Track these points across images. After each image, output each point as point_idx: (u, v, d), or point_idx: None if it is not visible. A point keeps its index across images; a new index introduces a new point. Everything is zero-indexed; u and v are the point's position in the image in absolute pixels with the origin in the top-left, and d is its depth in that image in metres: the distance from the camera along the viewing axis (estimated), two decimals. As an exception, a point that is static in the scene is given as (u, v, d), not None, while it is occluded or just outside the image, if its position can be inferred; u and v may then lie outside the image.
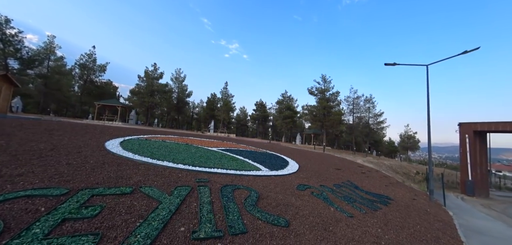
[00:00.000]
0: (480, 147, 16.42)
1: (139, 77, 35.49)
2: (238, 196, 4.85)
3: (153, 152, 7.97)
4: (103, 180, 4.36)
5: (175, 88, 41.60)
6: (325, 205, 5.61)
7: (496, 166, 53.74)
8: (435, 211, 8.12)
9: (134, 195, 3.97)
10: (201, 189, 4.82)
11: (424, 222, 6.34)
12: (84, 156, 5.87)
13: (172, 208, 3.74)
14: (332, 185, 8.08)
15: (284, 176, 7.83)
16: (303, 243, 3.51)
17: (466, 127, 16.45)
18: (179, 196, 4.28)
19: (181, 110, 44.14)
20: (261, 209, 4.39)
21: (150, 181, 4.79)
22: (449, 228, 6.38)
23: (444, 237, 5.46)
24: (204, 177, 5.75)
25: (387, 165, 20.31)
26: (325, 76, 32.66)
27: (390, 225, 5.29)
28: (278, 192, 5.76)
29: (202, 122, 52.06)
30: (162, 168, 6.02)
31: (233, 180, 6.03)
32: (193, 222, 3.46)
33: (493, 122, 15.64)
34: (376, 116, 35.70)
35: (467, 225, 7.09)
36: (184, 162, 7.15)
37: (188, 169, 6.38)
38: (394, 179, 14.25)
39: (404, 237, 4.77)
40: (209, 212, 3.84)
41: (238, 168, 7.61)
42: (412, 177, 19.86)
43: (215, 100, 46.85)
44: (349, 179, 10.17)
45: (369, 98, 34.91)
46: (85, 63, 33.57)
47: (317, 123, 33.29)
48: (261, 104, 49.98)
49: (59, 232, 2.66)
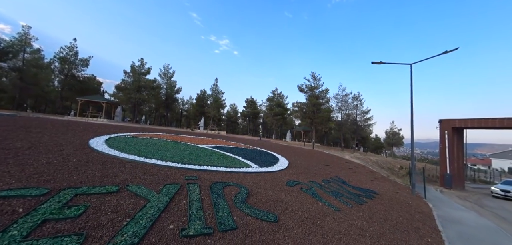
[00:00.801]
0: (457, 143, 17.50)
1: (125, 73, 34.12)
2: (228, 193, 4.86)
3: (140, 149, 7.76)
4: (87, 179, 4.19)
5: (164, 84, 40.44)
6: (314, 200, 5.76)
7: (471, 160, 57.56)
8: (416, 203, 8.58)
9: (120, 193, 3.86)
10: (190, 187, 4.77)
11: (406, 214, 6.68)
12: (66, 154, 5.60)
13: (161, 206, 3.68)
14: (320, 180, 8.29)
15: (274, 173, 7.92)
16: (292, 237, 3.59)
17: (445, 123, 17.43)
18: (168, 194, 4.22)
19: (170, 107, 43.07)
20: (251, 205, 4.43)
21: (137, 180, 4.67)
22: (429, 219, 6.78)
23: (424, 228, 5.80)
24: (193, 175, 5.70)
25: (373, 161, 21.12)
26: (315, 73, 33.12)
27: (374, 218, 5.54)
28: (268, 188, 5.83)
29: (192, 119, 51.16)
30: (150, 166, 5.89)
31: (223, 177, 6.02)
32: (183, 220, 3.43)
33: (469, 119, 16.70)
34: (363, 113, 36.84)
35: (445, 216, 7.57)
36: (173, 159, 7.03)
37: (177, 166, 6.29)
38: (380, 174, 14.85)
39: (387, 229, 5.01)
40: (199, 210, 3.82)
41: (228, 165, 7.61)
42: (396, 172, 20.81)
43: (205, 97, 46.14)
44: (337, 174, 10.48)
45: (357, 96, 35.93)
46: (65, 56, 31.66)
47: (307, 120, 33.81)
48: (252, 101, 49.92)
49: (39, 234, 2.54)
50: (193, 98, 52.18)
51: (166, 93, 40.45)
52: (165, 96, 40.46)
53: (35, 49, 30.92)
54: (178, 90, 42.13)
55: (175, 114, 52.87)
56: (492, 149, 64.82)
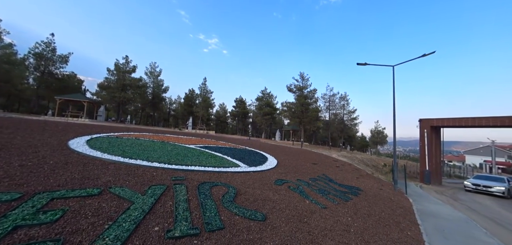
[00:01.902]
0: (435, 141, 18.62)
1: (109, 70, 32.59)
2: (216, 193, 4.82)
3: (125, 150, 7.48)
4: (65, 182, 3.97)
5: (150, 83, 39.19)
6: (301, 198, 5.87)
7: (448, 157, 61.45)
8: (398, 199, 9.01)
9: (102, 196, 3.70)
10: (177, 188, 4.68)
11: (388, 209, 7.00)
12: (42, 156, 5.27)
13: (146, 208, 3.58)
14: (308, 179, 8.46)
15: (263, 172, 7.97)
16: (279, 235, 3.64)
17: (425, 122, 18.47)
18: (153, 195, 4.11)
19: (156, 106, 41.83)
20: (238, 205, 4.43)
21: (121, 181, 4.50)
22: (409, 213, 7.15)
23: (404, 222, 6.11)
24: (180, 175, 5.59)
25: (359, 159, 21.87)
26: (303, 74, 33.72)
27: (359, 214, 5.75)
28: (256, 187, 5.85)
29: (180, 119, 50.07)
30: (135, 167, 5.70)
31: (211, 177, 5.96)
32: (168, 221, 3.36)
33: (446, 118, 17.83)
34: (350, 112, 38.08)
35: (423, 210, 8.02)
36: (160, 160, 6.86)
37: (163, 167, 6.14)
38: (365, 171, 15.41)
39: (371, 224, 5.23)
40: (185, 210, 3.76)
41: (217, 165, 7.54)
42: (380, 169, 21.71)
43: (193, 96, 45.30)
44: (324, 172, 10.75)
45: (343, 96, 37.06)
46: (41, 52, 29.61)
47: (296, 119, 34.32)
48: (241, 101, 49.78)
49: (9, 241, 2.37)
50: (181, 97, 51.08)
51: (153, 92, 39.25)
52: (151, 95, 39.25)
53: (7, 43, 28.65)
54: (166, 89, 41.05)
55: (162, 114, 51.44)
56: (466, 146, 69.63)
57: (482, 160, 50.97)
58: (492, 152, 32.49)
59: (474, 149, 57.95)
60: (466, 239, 5.34)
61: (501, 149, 47.82)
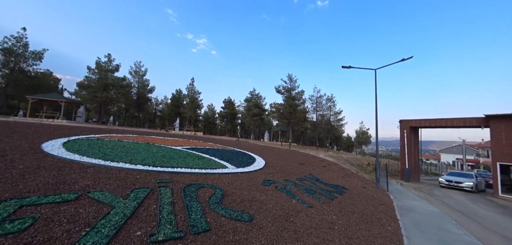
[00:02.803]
0: (414, 140, 19.75)
1: (89, 69, 30.84)
2: (202, 195, 4.75)
3: (106, 153, 7.13)
4: (37, 188, 3.70)
5: (135, 82, 37.69)
6: (288, 198, 5.95)
7: (425, 155, 65.42)
8: (380, 196, 9.43)
9: (79, 201, 3.49)
10: (162, 190, 4.55)
11: (370, 206, 7.30)
12: (10, 160, 4.87)
13: (127, 212, 3.44)
14: (295, 179, 8.59)
15: (250, 173, 7.97)
16: (265, 235, 3.67)
17: (405, 123, 19.53)
18: (136, 199, 3.96)
19: (142, 107, 40.31)
20: (225, 206, 4.40)
21: (101, 185, 4.28)
22: (389, 210, 7.52)
23: (385, 217, 6.42)
24: (166, 178, 5.44)
25: (345, 159, 22.61)
26: (291, 75, 34.30)
27: (343, 212, 5.94)
28: (243, 188, 5.84)
29: (167, 120, 48.68)
30: (117, 170, 5.46)
31: (197, 179, 5.86)
32: (152, 225, 3.25)
33: (423, 119, 18.99)
34: (336, 114, 39.28)
35: (403, 206, 8.47)
36: (144, 162, 6.62)
37: (148, 169, 5.94)
38: (350, 171, 15.96)
39: (354, 221, 5.42)
40: (170, 213, 3.66)
41: (204, 167, 7.43)
42: (365, 168, 22.59)
43: (180, 97, 44.25)
44: (311, 172, 10.98)
45: (330, 97, 38.18)
46: (11, 48, 27.31)
47: (284, 120, 34.77)
48: (230, 102, 49.47)
49: (-30, 254, 2.17)
50: (168, 98, 49.73)
51: (138, 92, 37.79)
52: (136, 95, 37.77)
53: (-29, 37, 26.22)
54: (151, 89, 39.71)
55: (148, 115, 49.69)
56: (441, 145, 74.62)
57: (455, 158, 54.87)
58: (463, 150, 35.11)
59: (448, 148, 62.25)
60: (439, 231, 5.73)
61: (470, 147, 51.82)
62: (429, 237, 5.33)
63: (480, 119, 15.42)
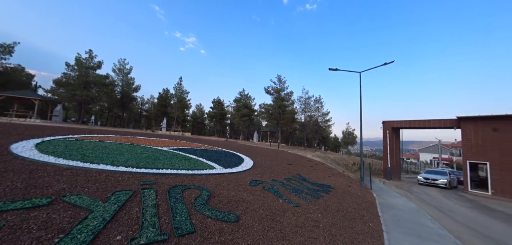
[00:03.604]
0: (395, 140, 20.76)
1: (68, 65, 29.03)
2: (188, 196, 4.67)
3: (85, 154, 6.78)
4: (3, 193, 3.44)
5: (119, 80, 36.12)
6: (275, 197, 6.00)
7: (406, 155, 68.97)
8: (363, 194, 9.80)
9: (53, 206, 3.29)
10: (145, 192, 4.41)
11: (354, 204, 7.57)
12: (-24, 163, 4.48)
13: (107, 216, 3.30)
14: (283, 179, 8.69)
15: (238, 173, 7.95)
16: (251, 235, 3.68)
17: (387, 124, 20.47)
18: (117, 202, 3.81)
19: (126, 106, 38.70)
20: (211, 207, 4.36)
21: (78, 189, 4.07)
22: (372, 207, 7.84)
23: (368, 214, 6.68)
24: (150, 179, 5.28)
25: (332, 159, 23.23)
26: (281, 76, 34.68)
27: (328, 210, 6.10)
28: (230, 189, 5.82)
29: (153, 120, 47.15)
30: (97, 172, 5.20)
31: (183, 180, 5.75)
32: (133, 229, 3.14)
33: (404, 121, 20.03)
34: (324, 115, 40.33)
35: (384, 203, 8.87)
36: (127, 164, 6.38)
37: (131, 171, 5.73)
38: (336, 170, 16.42)
39: (338, 218, 5.60)
40: (153, 216, 3.56)
41: (191, 168, 7.30)
42: (350, 167, 23.37)
43: (168, 96, 43.06)
44: (299, 172, 11.16)
45: (318, 99, 39.10)
46: (-23, 40, 25.07)
47: (273, 121, 35.06)
48: (219, 102, 48.97)
49: None
50: (154, 97, 48.20)
51: (122, 91, 36.25)
52: (120, 94, 36.21)
53: None
54: (137, 88, 38.27)
55: (133, 115, 47.82)
56: (420, 145, 79.10)
57: (432, 157, 58.39)
58: (439, 150, 37.47)
59: (426, 148, 66.10)
60: (416, 226, 6.08)
61: (445, 146, 55.48)
62: (407, 231, 5.63)
63: (453, 121, 16.56)
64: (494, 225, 7.39)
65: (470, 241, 5.65)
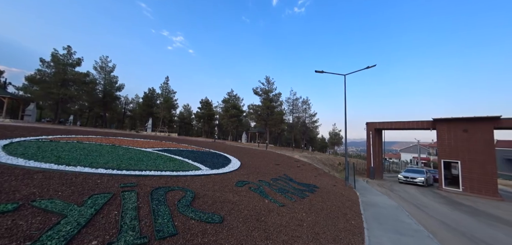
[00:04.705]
0: (378, 141, 21.70)
1: (43, 62, 27.05)
2: (172, 198, 4.55)
3: (60, 156, 6.38)
4: (-36, 198, 3.14)
5: (101, 79, 34.42)
6: (261, 198, 6.03)
7: (388, 155, 72.42)
8: (347, 193, 10.14)
9: (21, 212, 3.06)
10: (125, 195, 4.24)
11: (338, 203, 7.81)
12: None
13: (82, 220, 3.12)
14: (269, 179, 8.75)
15: (225, 174, 7.89)
16: (235, 235, 3.67)
17: (370, 125, 21.35)
18: (94, 205, 3.62)
19: (109, 105, 36.92)
20: (195, 208, 4.29)
21: (51, 193, 3.81)
22: (355, 205, 8.13)
23: (350, 213, 6.92)
24: (131, 181, 5.08)
25: (318, 159, 23.77)
26: (269, 78, 34.99)
27: (313, 209, 6.24)
28: (216, 190, 5.76)
29: (138, 121, 45.44)
30: (73, 174, 4.91)
31: (167, 182, 5.59)
32: (111, 233, 3.01)
33: (386, 122, 21.01)
34: (311, 116, 41.15)
35: (366, 201, 9.25)
36: (107, 166, 6.09)
37: (111, 173, 5.47)
38: (322, 170, 16.84)
39: (322, 217, 5.74)
40: (133, 219, 3.43)
41: (175, 169, 7.13)
42: (336, 167, 24.06)
43: (154, 96, 41.73)
44: (286, 173, 11.30)
45: (305, 100, 39.86)
46: None
47: (262, 122, 35.23)
48: (207, 102, 48.30)
49: None
50: (139, 96, 46.49)
51: (104, 89, 34.58)
52: (102, 93, 34.52)
53: None
54: (120, 87, 36.70)
55: (116, 114, 45.73)
56: (401, 145, 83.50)
57: (412, 156, 61.80)
58: (418, 150, 39.76)
59: (407, 148, 69.86)
60: (395, 222, 6.40)
61: (424, 147, 59.03)
62: (386, 228, 5.91)
63: (429, 122, 17.66)
64: (463, 219, 7.99)
65: (441, 235, 6.05)
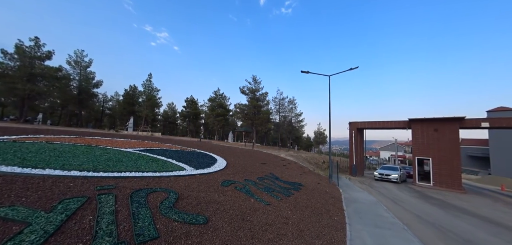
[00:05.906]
0: (360, 140, 22.71)
1: (5, 53, 24.32)
2: (153, 200, 4.35)
3: (26, 157, 5.82)
4: None
5: (75, 74, 32.04)
6: (247, 197, 6.00)
7: (369, 153, 76.30)
8: (331, 190, 10.47)
9: (-25, 221, 2.72)
10: (102, 198, 3.97)
11: (322, 200, 8.02)
12: None
13: (50, 228, 2.86)
14: (255, 178, 8.75)
15: (210, 174, 7.74)
16: (220, 236, 3.60)
17: (353, 125, 22.28)
18: (65, 211, 3.34)
19: (85, 103, 34.49)
20: (179, 210, 4.14)
21: (12, 199, 3.45)
22: (338, 202, 8.41)
23: (333, 209, 7.15)
24: (109, 184, 4.77)
25: (304, 158, 24.30)
26: (256, 77, 35.04)
27: (298, 207, 6.35)
28: (201, 190, 5.62)
29: (118, 119, 43.04)
30: (40, 178, 4.49)
31: (149, 183, 5.34)
32: (84, 240, 2.79)
33: (367, 122, 22.06)
34: (297, 115, 41.96)
35: (348, 197, 9.62)
36: (81, 167, 5.67)
37: (86, 176, 5.10)
38: (308, 168, 17.23)
39: (307, 214, 5.86)
40: (110, 224, 3.22)
41: (158, 170, 6.84)
42: (320, 165, 24.77)
43: (135, 94, 39.76)
44: (272, 171, 11.38)
45: (292, 100, 40.55)
46: None
47: (248, 121, 35.19)
48: (192, 101, 47.15)
49: None
50: (119, 94, 44.06)
51: (79, 86, 32.24)
52: (77, 89, 32.15)
53: None
54: (98, 84, 34.47)
55: (93, 113, 42.85)
56: (381, 144, 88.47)
57: (390, 154, 65.71)
58: (395, 148, 42.36)
59: (386, 146, 74.11)
60: (374, 216, 6.74)
61: (401, 145, 63.08)
62: (366, 221, 6.20)
63: (406, 122, 18.87)
64: (434, 211, 8.64)
65: (415, 226, 6.48)
